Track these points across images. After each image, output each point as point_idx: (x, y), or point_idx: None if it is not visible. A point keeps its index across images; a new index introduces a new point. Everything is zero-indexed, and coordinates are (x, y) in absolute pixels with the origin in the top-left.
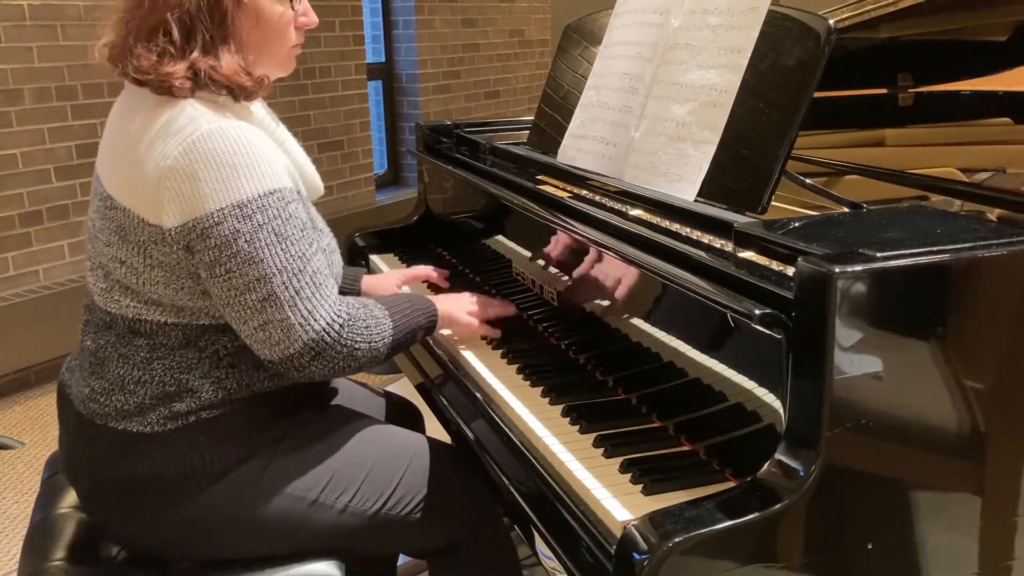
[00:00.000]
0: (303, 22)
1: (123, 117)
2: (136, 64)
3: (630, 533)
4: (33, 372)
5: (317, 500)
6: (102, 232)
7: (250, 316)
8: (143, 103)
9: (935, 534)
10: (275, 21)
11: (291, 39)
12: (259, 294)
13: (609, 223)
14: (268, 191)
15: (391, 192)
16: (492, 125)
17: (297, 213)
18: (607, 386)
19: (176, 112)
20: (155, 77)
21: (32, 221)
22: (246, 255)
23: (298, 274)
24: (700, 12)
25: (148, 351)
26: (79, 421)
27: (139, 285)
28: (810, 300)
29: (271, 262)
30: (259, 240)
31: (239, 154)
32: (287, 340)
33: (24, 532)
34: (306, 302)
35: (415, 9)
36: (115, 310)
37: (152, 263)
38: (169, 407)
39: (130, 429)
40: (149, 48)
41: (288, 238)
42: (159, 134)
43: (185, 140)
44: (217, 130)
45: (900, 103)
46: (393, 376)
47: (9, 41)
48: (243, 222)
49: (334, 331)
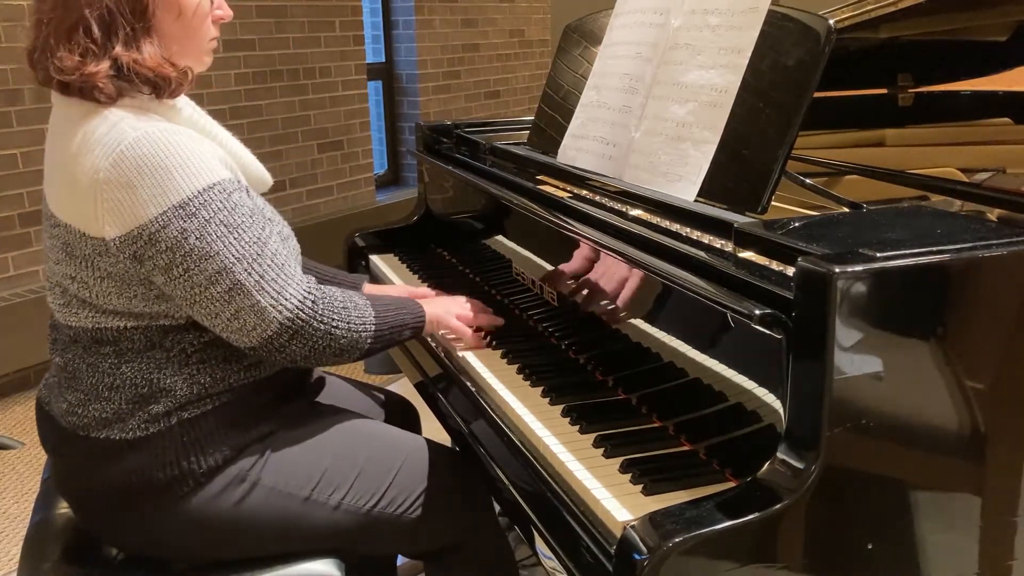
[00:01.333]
0: (219, 15)
1: (54, 134)
2: (58, 65)
3: (630, 533)
4: (33, 372)
5: (310, 497)
6: (51, 251)
7: (220, 308)
8: (69, 116)
9: (935, 534)
10: (194, 13)
11: (209, 32)
12: (223, 286)
13: (609, 223)
14: (206, 186)
15: (391, 192)
16: (492, 125)
17: (241, 201)
18: (607, 386)
19: (100, 122)
20: (78, 78)
21: (32, 221)
22: (200, 251)
23: (257, 258)
24: (700, 12)
25: (115, 357)
26: (62, 436)
27: (93, 298)
28: (810, 300)
29: (227, 253)
30: (210, 235)
31: (169, 155)
32: (263, 324)
33: (24, 532)
34: (272, 283)
35: (415, 9)
36: (76, 323)
37: (101, 275)
38: (147, 410)
39: (112, 437)
40: (71, 48)
41: (238, 227)
42: (87, 147)
43: (114, 151)
44: (143, 136)
45: (900, 103)
46: (393, 376)
47: (9, 41)
48: (188, 220)
49: (308, 306)
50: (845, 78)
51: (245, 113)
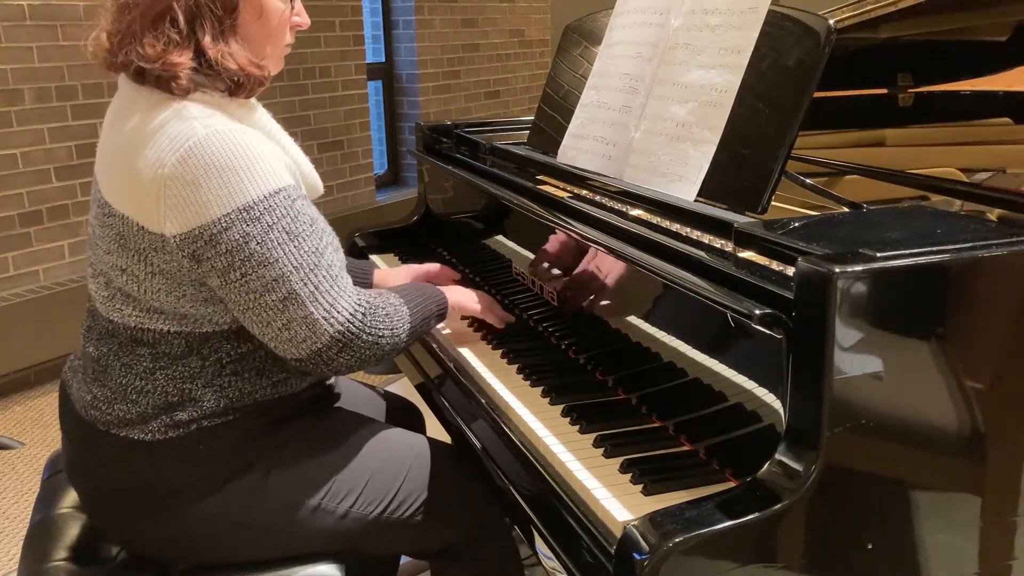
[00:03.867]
0: (297, 22)
1: (117, 120)
2: (141, 52)
3: (630, 533)
4: (33, 372)
5: (319, 506)
6: (102, 239)
7: (273, 317)
8: (137, 105)
9: (935, 534)
10: (277, 18)
11: (286, 38)
12: (279, 294)
13: (609, 223)
14: (273, 191)
15: (391, 192)
16: (492, 125)
17: (304, 209)
18: (607, 386)
19: (170, 115)
20: (160, 66)
21: (32, 221)
22: (260, 257)
23: (314, 269)
24: (700, 12)
25: (151, 360)
26: (80, 426)
27: (140, 293)
28: (810, 300)
29: (286, 261)
30: (271, 240)
31: (238, 156)
32: (313, 336)
33: (24, 532)
34: (326, 295)
35: (415, 9)
36: (117, 319)
37: (153, 271)
38: (171, 416)
39: (131, 436)
40: (156, 36)
41: (299, 235)
42: (154, 140)
43: (182, 147)
44: (214, 134)
45: (900, 103)
46: (393, 376)
47: (9, 41)
48: (252, 225)
49: (358, 320)
50: (845, 78)
51: None
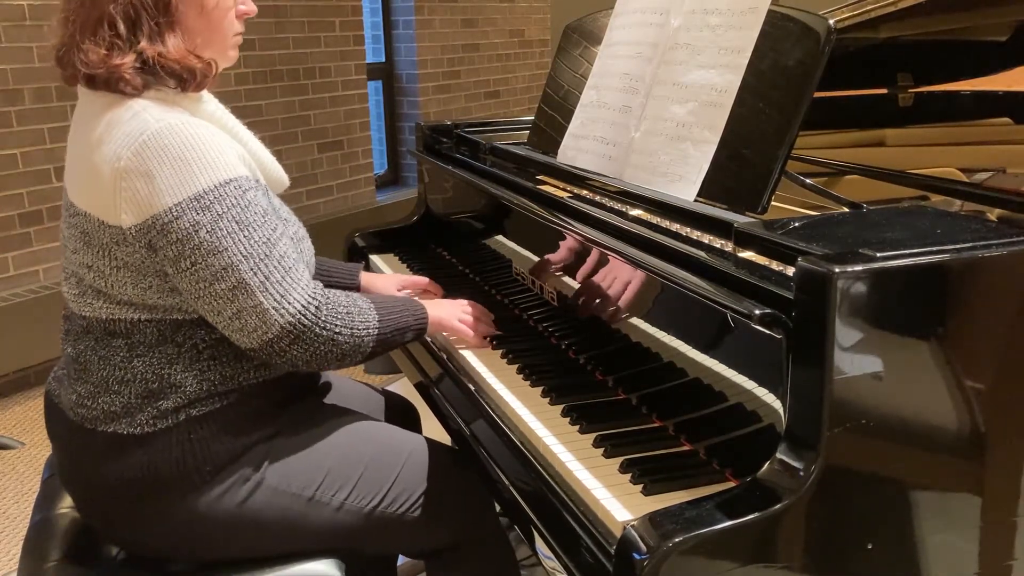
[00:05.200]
0: (243, 10)
1: (78, 125)
2: (84, 59)
3: (630, 533)
4: (33, 372)
5: (313, 497)
6: (69, 240)
7: (223, 306)
8: (94, 108)
9: (935, 534)
10: (216, 8)
11: (234, 27)
12: (228, 283)
13: (609, 223)
14: (223, 181)
15: (391, 192)
16: (492, 125)
17: (256, 200)
18: (607, 386)
19: (125, 112)
20: (104, 70)
21: (32, 221)
22: (209, 246)
23: (264, 259)
24: (700, 12)
25: (127, 350)
26: (70, 428)
27: (108, 288)
28: (810, 300)
29: (235, 250)
30: (220, 229)
31: (190, 147)
32: (264, 325)
33: (24, 532)
34: (277, 285)
35: (415, 9)
36: (89, 314)
37: (117, 264)
38: (156, 406)
39: (120, 431)
40: (96, 42)
41: (250, 224)
42: (110, 136)
43: (136, 139)
44: (166, 127)
45: (900, 103)
46: (393, 376)
47: (9, 41)
48: (202, 213)
49: (311, 312)
50: (845, 78)
51: (245, 113)
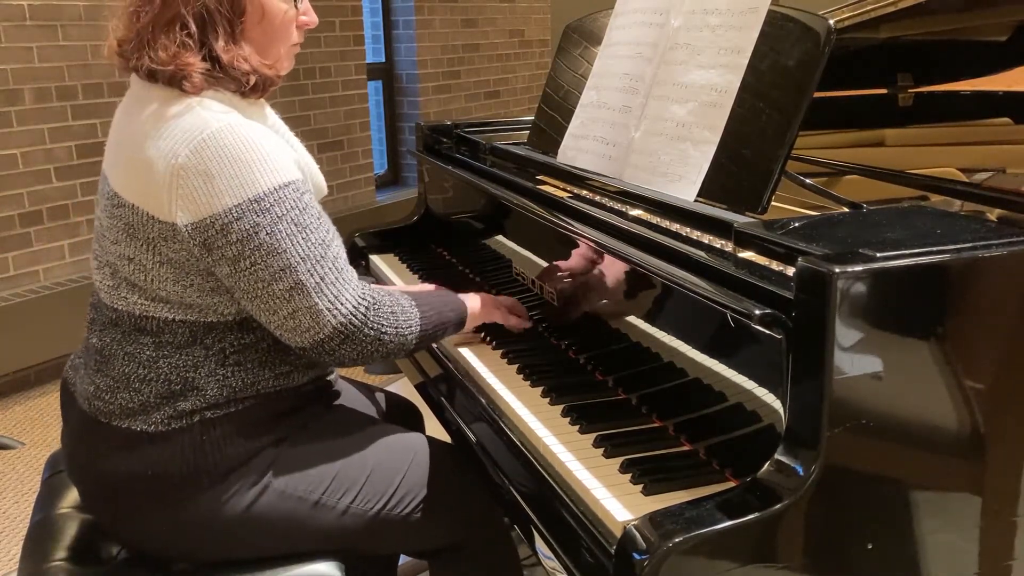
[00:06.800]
0: (304, 21)
1: (129, 116)
2: (154, 56)
3: (630, 533)
4: (33, 372)
5: (319, 501)
6: (109, 230)
7: (279, 306)
8: (149, 100)
9: (935, 534)
10: (279, 18)
11: (292, 37)
12: (286, 283)
13: (609, 223)
14: (282, 184)
15: (391, 192)
16: (492, 125)
17: (312, 203)
18: (607, 386)
19: (184, 109)
20: (174, 67)
21: (32, 221)
22: (269, 247)
23: (321, 260)
24: (700, 12)
25: (154, 349)
26: (83, 419)
27: (147, 282)
28: (810, 300)
29: (294, 251)
30: (280, 231)
31: (250, 150)
32: (317, 326)
33: (24, 532)
34: (331, 287)
35: (415, 9)
36: (122, 307)
37: (161, 259)
38: (174, 406)
39: (134, 428)
40: (168, 40)
41: (307, 227)
42: (168, 132)
43: (196, 138)
44: (227, 127)
45: (900, 103)
46: (393, 376)
47: (9, 41)
48: (262, 215)
49: (360, 314)
50: (845, 78)
51: None
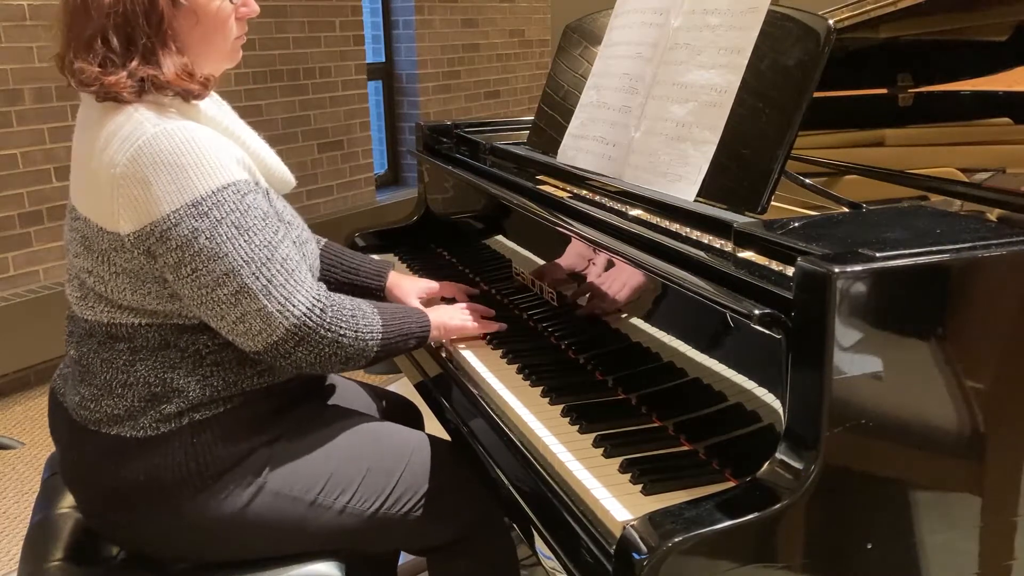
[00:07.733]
0: (244, 12)
1: (81, 128)
2: (79, 77)
3: (629, 533)
4: (33, 372)
5: (316, 501)
6: (71, 244)
7: (226, 311)
8: (94, 113)
9: (935, 534)
10: (214, 17)
11: (233, 32)
12: (230, 288)
13: (609, 223)
14: (221, 186)
15: (391, 192)
16: (492, 125)
17: (255, 203)
18: (607, 386)
19: (122, 118)
20: (99, 88)
21: (32, 221)
22: (209, 252)
23: (266, 263)
24: (700, 12)
25: (130, 353)
26: (72, 428)
27: (108, 292)
28: (810, 300)
29: (236, 255)
30: (219, 235)
31: (186, 153)
32: (268, 328)
33: (24, 532)
34: (280, 289)
35: (415, 9)
36: (91, 317)
37: (116, 270)
38: (159, 409)
39: (123, 434)
40: (89, 59)
41: (249, 229)
42: (107, 142)
43: (132, 146)
44: (162, 132)
45: (900, 103)
46: (393, 376)
47: (9, 41)
48: (200, 220)
49: (316, 315)
50: (845, 78)
51: (245, 113)
